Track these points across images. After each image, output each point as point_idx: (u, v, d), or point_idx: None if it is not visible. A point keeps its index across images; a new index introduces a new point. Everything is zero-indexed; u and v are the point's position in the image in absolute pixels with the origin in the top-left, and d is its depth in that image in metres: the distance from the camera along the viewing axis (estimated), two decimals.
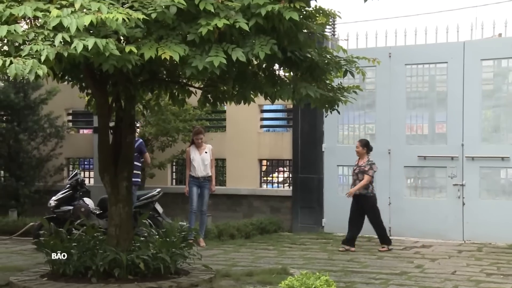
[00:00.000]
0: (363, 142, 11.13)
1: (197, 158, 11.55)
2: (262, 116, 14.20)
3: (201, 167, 11.53)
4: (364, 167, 10.85)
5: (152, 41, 5.78)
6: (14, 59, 4.84)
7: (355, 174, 11.00)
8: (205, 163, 11.52)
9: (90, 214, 11.11)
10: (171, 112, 13.03)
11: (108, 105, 7.05)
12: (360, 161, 11.02)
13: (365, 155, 10.99)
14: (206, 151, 11.61)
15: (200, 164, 11.54)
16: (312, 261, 10.02)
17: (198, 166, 11.53)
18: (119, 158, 7.05)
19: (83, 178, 11.89)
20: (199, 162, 11.53)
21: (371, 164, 10.89)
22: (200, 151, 11.59)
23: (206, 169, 11.54)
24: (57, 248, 6.77)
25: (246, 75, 6.94)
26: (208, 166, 11.57)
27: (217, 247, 11.36)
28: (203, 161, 11.51)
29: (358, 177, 10.92)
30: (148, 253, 6.66)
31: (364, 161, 10.93)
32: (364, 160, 10.96)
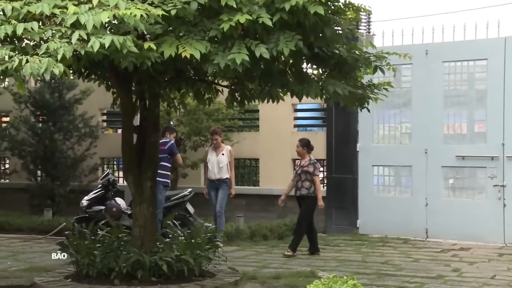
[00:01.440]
0: (303, 142, 10.67)
1: (212, 159, 11.17)
2: (296, 115, 13.99)
3: (215, 170, 11.10)
4: (307, 167, 10.38)
5: (173, 38, 5.64)
6: (31, 58, 4.75)
7: (297, 175, 10.48)
8: (220, 166, 11.05)
9: (122, 214, 11.08)
10: (204, 111, 12.92)
11: (132, 104, 6.94)
12: (302, 161, 10.60)
13: (306, 155, 10.55)
14: (223, 153, 11.16)
15: (214, 166, 11.12)
16: (345, 264, 9.78)
17: (212, 168, 11.14)
18: (143, 158, 6.94)
19: (115, 178, 11.86)
20: (214, 164, 11.12)
21: (314, 163, 10.44)
22: (217, 152, 11.19)
23: (220, 172, 11.07)
24: (81, 249, 6.69)
25: (272, 72, 6.75)
26: (224, 169, 11.08)
27: (249, 248, 11.21)
28: (218, 163, 11.06)
29: (301, 177, 10.44)
30: (171, 255, 6.53)
31: (306, 161, 10.47)
32: (305, 159, 10.51)
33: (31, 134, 14.07)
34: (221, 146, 11.17)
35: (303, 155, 10.53)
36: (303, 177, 10.34)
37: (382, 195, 12.91)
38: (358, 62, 6.89)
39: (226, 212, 13.71)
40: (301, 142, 10.61)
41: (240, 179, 14.56)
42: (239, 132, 14.25)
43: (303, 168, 10.36)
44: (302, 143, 10.58)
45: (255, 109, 14.10)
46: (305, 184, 10.34)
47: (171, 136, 11.13)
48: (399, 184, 12.90)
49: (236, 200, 13.81)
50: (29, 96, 14.07)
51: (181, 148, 13.37)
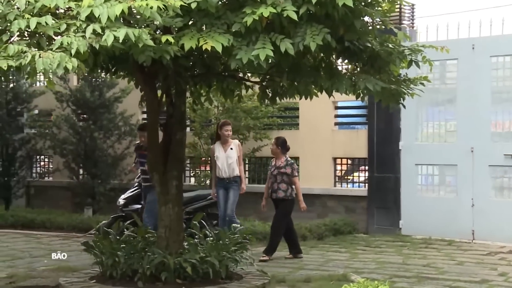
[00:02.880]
0: (279, 141, 9.95)
1: (221, 156, 10.10)
2: (336, 113, 13.66)
3: (225, 167, 10.09)
4: (284, 168, 9.65)
5: (195, 31, 5.43)
6: (44, 53, 4.62)
7: (273, 176, 9.69)
8: (229, 162, 10.06)
9: None
10: (242, 109, 12.74)
11: (157, 101, 6.78)
12: (277, 162, 9.86)
13: (281, 155, 9.85)
14: (231, 148, 10.14)
15: (224, 163, 10.09)
16: (385, 266, 9.45)
17: (222, 166, 10.09)
18: (169, 156, 6.77)
19: None
20: (223, 161, 10.08)
21: (291, 164, 9.78)
22: (225, 147, 10.15)
23: (231, 168, 10.09)
24: (105, 249, 6.57)
25: (301, 67, 6.48)
26: (234, 165, 10.10)
27: (286, 249, 10.94)
28: (227, 159, 10.06)
29: (277, 179, 9.66)
30: (196, 257, 6.33)
31: (282, 162, 9.73)
32: (281, 160, 9.74)
33: (72, 133, 14.15)
34: (228, 141, 10.19)
35: (277, 155, 9.76)
36: (279, 179, 9.61)
37: (426, 194, 12.49)
38: (392, 56, 6.55)
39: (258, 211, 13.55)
40: (277, 140, 9.85)
41: None
42: (279, 130, 14.02)
43: (279, 169, 9.61)
44: (278, 142, 9.88)
45: (295, 107, 13.84)
46: (282, 186, 9.63)
47: None
48: (443, 183, 12.47)
49: None
50: (70, 94, 14.15)
51: None
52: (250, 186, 13.95)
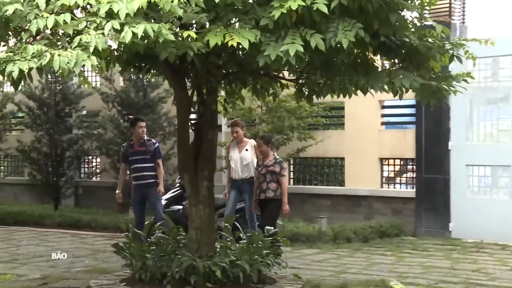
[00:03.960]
0: (265, 139, 9.28)
1: (235, 156, 9.68)
2: (383, 112, 13.30)
3: (239, 168, 9.63)
4: (272, 167, 9.03)
5: (221, 26, 5.25)
6: (63, 52, 4.52)
7: (261, 175, 9.05)
8: (244, 163, 9.58)
9: None
10: (286, 109, 12.53)
11: (187, 100, 6.62)
12: (265, 160, 9.20)
13: (270, 153, 9.22)
14: (246, 148, 9.68)
15: (237, 164, 9.64)
16: (431, 270, 9.10)
17: (236, 167, 9.65)
18: (199, 156, 6.61)
19: None
20: (237, 162, 9.64)
21: (280, 162, 9.18)
22: (240, 148, 9.70)
23: (245, 170, 9.59)
24: (134, 252, 6.45)
25: (335, 65, 6.22)
26: (249, 166, 9.57)
27: (330, 251, 10.72)
28: (241, 160, 9.60)
29: (266, 178, 9.03)
30: (226, 260, 6.14)
31: (270, 160, 9.10)
32: (269, 158, 9.10)
33: (117, 133, 14.21)
34: (243, 141, 9.71)
35: (266, 153, 9.17)
36: (269, 178, 9.01)
37: (478, 196, 12.05)
38: (431, 51, 6.22)
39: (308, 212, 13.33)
40: (263, 139, 9.20)
41: (325, 179, 14.06)
42: (324, 130, 13.76)
43: (268, 167, 9.03)
44: (265, 140, 9.24)
45: (341, 106, 13.54)
46: (272, 185, 9.02)
47: None
48: (496, 185, 11.99)
49: (321, 201, 13.40)
50: (116, 95, 14.21)
51: None
52: (294, 187, 13.81)
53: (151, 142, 9.62)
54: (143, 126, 9.54)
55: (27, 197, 16.63)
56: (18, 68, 4.48)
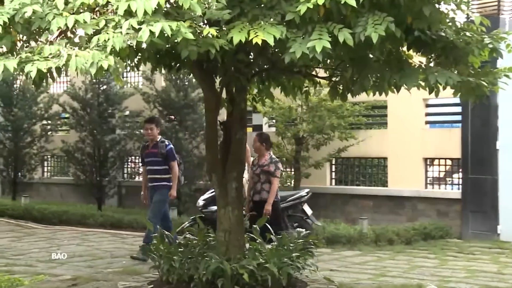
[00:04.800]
0: (262, 137, 8.87)
1: None
2: (427, 111, 12.92)
3: None
4: (267, 166, 8.69)
5: (245, 22, 5.08)
6: (80, 52, 4.44)
7: (255, 175, 8.73)
8: None
9: None
10: (326, 108, 12.30)
11: (216, 98, 6.48)
12: (261, 159, 8.83)
13: (265, 152, 8.82)
14: None
15: None
16: (476, 275, 8.76)
17: None
18: (228, 156, 6.46)
19: None
20: None
21: (276, 162, 8.78)
22: None
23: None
24: (162, 253, 6.35)
25: (366, 61, 5.98)
26: None
27: (371, 253, 10.46)
28: None
29: (260, 178, 8.68)
30: (253, 263, 5.98)
31: (266, 159, 8.75)
32: (265, 158, 8.77)
33: None
34: None
35: (261, 153, 8.80)
36: (263, 178, 8.68)
37: None
38: (469, 46, 5.91)
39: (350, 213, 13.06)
40: (260, 137, 8.88)
41: (368, 179, 13.77)
42: (366, 130, 13.47)
43: (262, 167, 8.69)
44: (261, 138, 8.85)
45: (383, 105, 13.22)
46: (266, 186, 8.69)
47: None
48: None
49: (363, 202, 13.13)
50: (156, 95, 14.22)
51: (303, 147, 12.87)
52: (336, 188, 13.58)
53: (164, 144, 9.31)
54: (149, 127, 9.28)
55: (73, 196, 16.83)
56: (37, 68, 4.42)
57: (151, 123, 9.35)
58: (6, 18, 4.54)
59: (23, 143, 16.35)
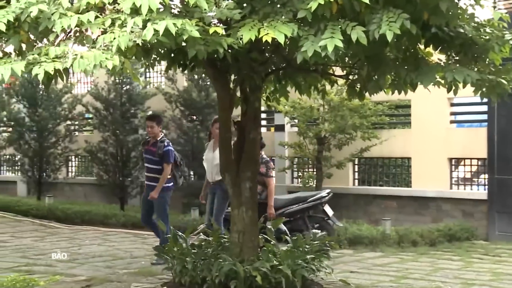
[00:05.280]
0: None
1: (209, 157, 8.95)
2: (452, 110, 12.68)
3: (210, 169, 8.91)
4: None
5: (256, 20, 4.97)
6: (86, 53, 4.38)
7: None
8: (214, 163, 8.58)
9: None
10: (348, 107, 12.13)
11: (229, 98, 6.39)
12: None
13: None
14: None
15: (209, 165, 8.91)
16: (501, 278, 8.54)
17: (208, 168, 8.98)
18: (242, 156, 6.36)
19: None
20: (209, 162, 8.93)
21: (267, 162, 8.40)
22: (214, 147, 8.74)
23: (216, 171, 8.57)
24: (174, 255, 6.27)
25: (382, 59, 5.82)
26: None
27: (394, 255, 10.28)
28: (213, 161, 8.68)
29: None
30: (266, 265, 5.87)
31: None
32: None
33: (180, 134, 14.19)
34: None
35: None
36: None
37: None
38: (489, 42, 5.72)
39: (373, 214, 12.87)
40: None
41: (391, 180, 13.56)
42: (390, 130, 13.27)
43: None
44: None
45: (407, 105, 13.02)
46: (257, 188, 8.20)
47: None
48: None
49: (386, 202, 12.96)
50: (178, 95, 14.20)
51: (325, 147, 12.72)
52: (359, 188, 13.41)
53: (163, 144, 8.96)
54: (150, 125, 9.02)
55: (96, 196, 16.90)
56: (44, 70, 4.38)
57: (152, 121, 9.11)
58: (11, 17, 4.50)
59: (48, 143, 16.44)
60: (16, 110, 16.74)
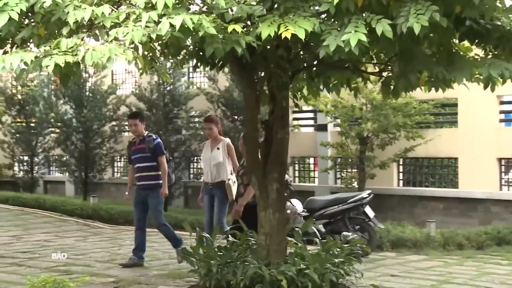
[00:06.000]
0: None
1: (206, 157, 8.60)
2: (502, 109, 12.20)
3: (208, 170, 8.54)
4: None
5: (276, 16, 4.80)
6: (97, 46, 4.28)
7: (239, 177, 7.88)
8: (213, 163, 8.39)
9: (297, 216, 10.45)
10: (392, 106, 11.80)
11: (255, 96, 6.19)
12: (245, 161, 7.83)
13: None
14: (218, 147, 8.49)
15: (207, 166, 8.54)
16: None
17: (205, 168, 8.61)
18: (269, 157, 6.17)
19: (290, 178, 11.24)
20: (206, 163, 8.55)
21: None
22: (212, 147, 8.56)
23: (214, 171, 8.41)
24: (200, 257, 6.13)
25: (414, 54, 5.54)
26: (219, 168, 8.42)
27: (438, 258, 9.93)
28: (211, 161, 8.45)
29: (243, 181, 7.75)
30: (292, 269, 5.66)
31: None
32: None
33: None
34: (217, 139, 8.57)
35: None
36: (246, 181, 7.67)
37: None
38: None
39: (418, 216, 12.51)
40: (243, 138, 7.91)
41: (437, 181, 13.15)
42: (435, 129, 12.87)
43: (245, 169, 7.73)
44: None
45: (453, 103, 12.60)
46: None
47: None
48: None
49: (432, 204, 12.59)
50: (220, 95, 14.13)
51: (368, 147, 12.42)
52: (403, 189, 13.08)
53: (151, 138, 8.48)
54: (133, 123, 8.45)
55: None
56: (54, 62, 4.29)
57: (135, 119, 8.57)
58: (24, 6, 4.42)
59: (93, 144, 16.62)
60: (63, 111, 16.98)
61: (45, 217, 14.40)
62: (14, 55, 4.40)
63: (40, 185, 19.30)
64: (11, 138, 18.22)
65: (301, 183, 15.07)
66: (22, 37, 4.75)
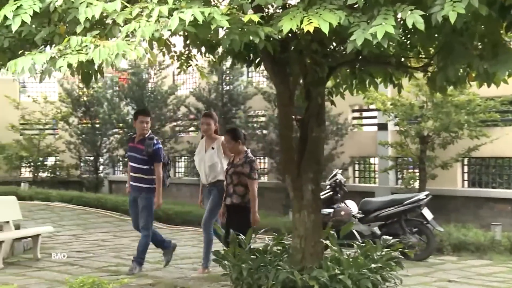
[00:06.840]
0: (232, 134, 7.49)
1: (200, 157, 8.22)
2: None
3: (202, 170, 8.15)
4: (241, 167, 7.34)
5: (300, 8, 4.54)
6: (108, 43, 4.16)
7: (228, 176, 7.43)
8: (208, 164, 8.03)
9: (351, 218, 10.13)
10: (454, 104, 11.26)
11: (289, 93, 5.94)
12: (236, 159, 7.45)
13: (240, 150, 7.41)
14: (212, 147, 8.09)
15: (201, 165, 8.16)
16: None
17: (199, 168, 8.22)
18: (304, 156, 5.90)
19: (344, 178, 10.90)
20: (201, 162, 8.17)
21: (251, 162, 7.27)
22: (206, 146, 8.17)
23: (209, 172, 8.05)
24: (231, 260, 5.92)
25: (454, 46, 5.14)
26: (215, 168, 8.02)
27: (503, 264, 9.43)
28: (205, 162, 8.05)
29: (232, 180, 7.35)
30: (324, 274, 5.37)
31: (241, 158, 7.40)
32: (240, 156, 7.41)
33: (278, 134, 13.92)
34: (212, 137, 8.17)
35: (236, 150, 7.46)
36: (236, 180, 7.35)
37: None
38: None
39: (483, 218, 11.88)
40: (229, 134, 7.54)
41: (505, 182, 12.47)
42: (502, 127, 12.19)
43: (236, 168, 7.40)
44: (230, 135, 7.50)
45: None
46: (238, 189, 7.39)
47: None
48: None
49: (499, 205, 11.96)
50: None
51: (429, 146, 11.91)
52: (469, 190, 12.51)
53: (152, 142, 8.12)
54: (145, 121, 8.17)
55: None
56: (67, 62, 4.20)
57: (148, 116, 8.37)
58: (37, 7, 4.35)
59: None
60: (125, 112, 17.19)
61: (106, 216, 14.60)
62: (25, 58, 4.34)
63: (105, 185, 19.63)
64: (77, 139, 18.61)
65: (361, 183, 14.66)
66: (42, 37, 4.69)
